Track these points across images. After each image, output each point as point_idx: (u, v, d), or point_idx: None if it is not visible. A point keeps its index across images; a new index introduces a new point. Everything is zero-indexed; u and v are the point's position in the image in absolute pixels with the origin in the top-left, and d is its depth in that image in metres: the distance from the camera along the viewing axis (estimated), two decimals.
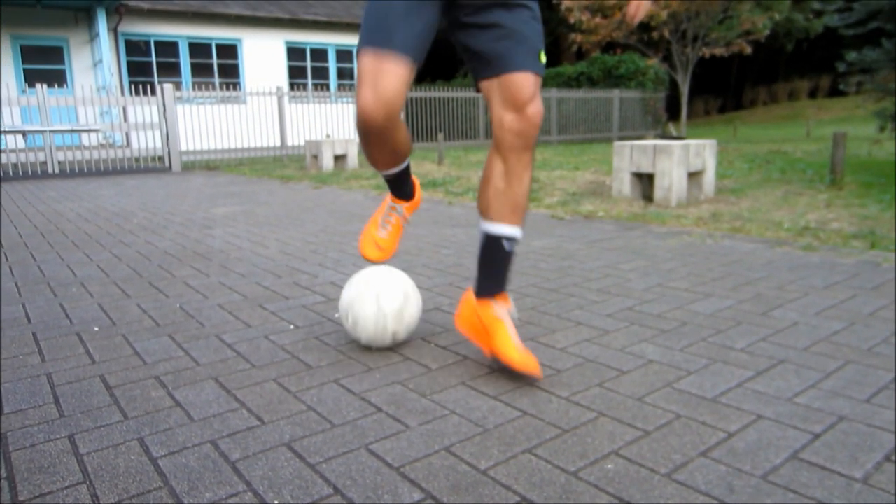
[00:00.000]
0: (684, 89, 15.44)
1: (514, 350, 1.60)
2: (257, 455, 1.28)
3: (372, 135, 1.54)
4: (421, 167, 8.69)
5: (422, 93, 13.94)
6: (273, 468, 1.23)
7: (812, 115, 23.00)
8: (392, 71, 1.48)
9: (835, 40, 20.97)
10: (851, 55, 8.34)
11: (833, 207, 4.30)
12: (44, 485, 1.19)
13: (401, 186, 2.05)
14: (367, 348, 1.87)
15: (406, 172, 2.02)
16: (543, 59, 1.62)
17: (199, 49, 14.32)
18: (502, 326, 1.66)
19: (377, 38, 1.50)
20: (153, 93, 12.79)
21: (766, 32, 14.92)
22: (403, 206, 2.11)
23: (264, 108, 12.24)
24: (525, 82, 1.57)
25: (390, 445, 1.31)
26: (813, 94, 30.37)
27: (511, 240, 1.68)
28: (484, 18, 1.56)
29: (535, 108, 1.59)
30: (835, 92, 27.40)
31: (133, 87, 12.50)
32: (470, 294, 1.77)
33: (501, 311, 1.69)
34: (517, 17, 1.56)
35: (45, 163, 9.20)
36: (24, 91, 12.22)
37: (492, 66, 1.58)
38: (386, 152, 1.73)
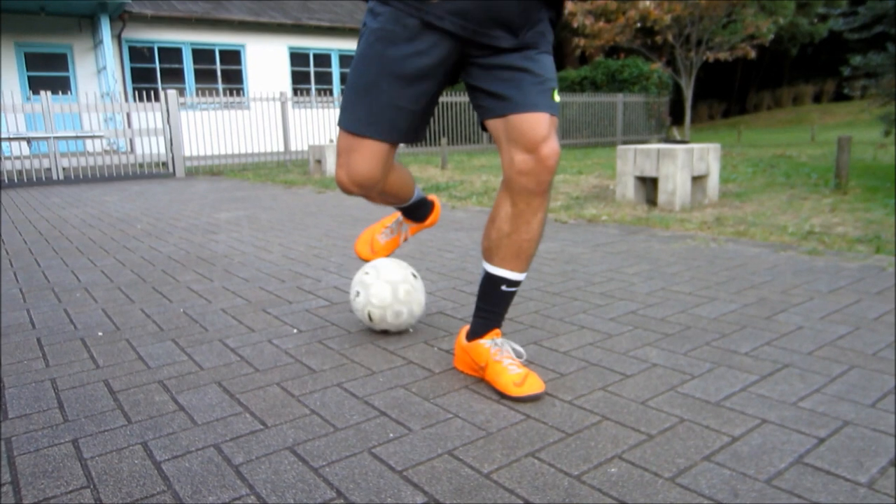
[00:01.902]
0: (688, 93, 15.43)
1: (510, 382, 1.54)
2: (260, 459, 1.28)
3: (355, 195, 1.61)
4: (424, 171, 8.70)
5: None
6: (276, 472, 1.23)
7: (817, 120, 22.96)
8: (366, 154, 1.50)
9: (839, 44, 20.97)
10: (856, 59, 8.33)
11: (838, 212, 4.29)
12: (48, 489, 1.19)
13: (412, 213, 2.05)
14: (370, 353, 1.88)
15: (417, 204, 2.00)
16: (557, 98, 1.48)
17: (202, 55, 14.38)
18: (493, 362, 1.59)
19: (354, 122, 1.48)
20: (157, 99, 12.85)
21: (771, 37, 14.90)
22: (410, 225, 2.12)
23: (268, 113, 12.28)
24: (538, 122, 1.43)
25: (393, 449, 1.31)
26: (818, 99, 30.34)
27: (511, 283, 1.60)
28: (494, 59, 1.44)
29: (550, 149, 1.44)
30: (840, 96, 27.38)
31: (137, 93, 12.55)
32: (460, 337, 1.72)
33: (492, 346, 1.61)
34: (528, 55, 1.44)
35: (49, 169, 9.23)
36: (28, 98, 12.31)
37: (500, 107, 1.45)
38: (379, 201, 1.76)
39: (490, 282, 1.61)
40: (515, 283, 1.61)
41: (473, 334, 1.66)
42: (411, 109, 1.49)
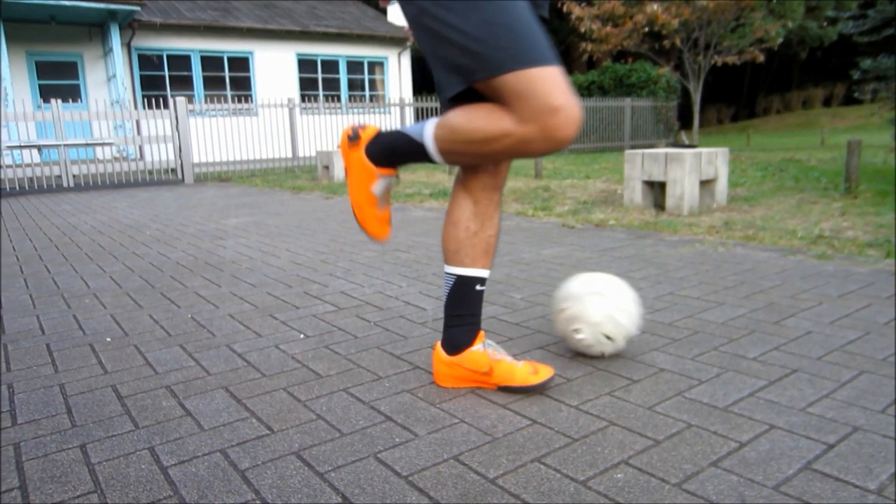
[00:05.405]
0: (696, 97, 15.39)
1: (527, 373, 1.55)
2: (266, 464, 1.28)
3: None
4: (432, 177, 8.71)
5: (431, 103, 13.99)
6: (282, 477, 1.23)
7: (826, 124, 22.85)
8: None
9: (849, 48, 20.88)
10: (866, 63, 8.30)
11: (848, 216, 4.26)
12: (55, 494, 1.20)
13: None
14: (377, 358, 1.88)
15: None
16: None
17: (211, 62, 14.47)
18: (497, 362, 1.58)
19: (548, 54, 1.30)
20: (166, 106, 12.93)
21: (780, 40, 14.86)
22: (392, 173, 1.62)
23: (276, 119, 12.35)
24: None
25: (399, 454, 1.31)
26: (827, 103, 30.22)
27: (484, 281, 1.60)
28: None
29: None
30: (849, 100, 27.27)
31: (146, 100, 12.64)
32: (439, 354, 1.65)
33: (487, 348, 1.60)
34: None
35: (59, 177, 9.30)
36: (39, 106, 12.41)
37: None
38: None
39: (464, 285, 1.59)
40: (485, 281, 1.62)
41: (460, 346, 1.61)
42: None
